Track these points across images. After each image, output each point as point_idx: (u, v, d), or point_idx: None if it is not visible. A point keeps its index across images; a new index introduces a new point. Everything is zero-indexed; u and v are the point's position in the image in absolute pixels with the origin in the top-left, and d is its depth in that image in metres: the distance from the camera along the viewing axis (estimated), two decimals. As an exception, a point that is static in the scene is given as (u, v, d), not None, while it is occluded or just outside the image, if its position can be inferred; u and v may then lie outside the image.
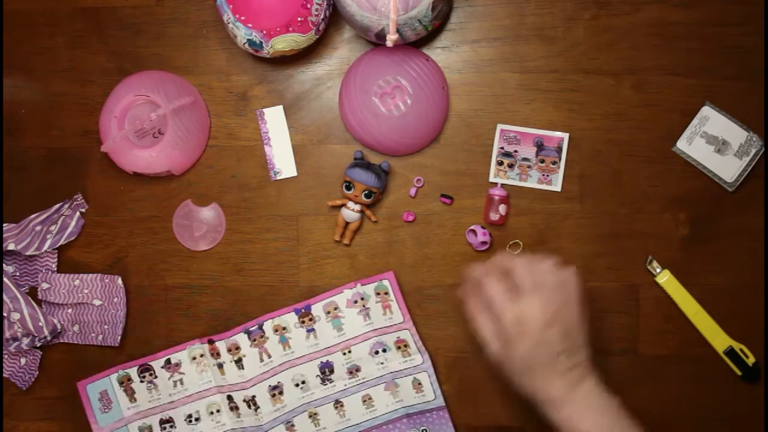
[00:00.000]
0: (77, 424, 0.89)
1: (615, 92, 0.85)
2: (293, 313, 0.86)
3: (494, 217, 0.84)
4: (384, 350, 0.85)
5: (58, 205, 0.87)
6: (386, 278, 0.86)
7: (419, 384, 0.86)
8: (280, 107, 0.87)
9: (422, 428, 0.86)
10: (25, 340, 0.86)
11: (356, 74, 0.84)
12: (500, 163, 0.86)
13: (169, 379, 0.87)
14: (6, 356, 0.88)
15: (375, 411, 0.86)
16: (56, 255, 0.88)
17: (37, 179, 0.89)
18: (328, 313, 0.86)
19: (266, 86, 0.88)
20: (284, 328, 0.86)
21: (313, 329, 0.86)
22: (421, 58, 0.84)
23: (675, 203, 0.85)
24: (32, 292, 0.89)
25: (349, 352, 0.86)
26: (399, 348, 0.86)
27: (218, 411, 0.87)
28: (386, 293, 0.86)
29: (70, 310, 0.89)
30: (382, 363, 0.86)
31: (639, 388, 0.86)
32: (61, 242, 0.87)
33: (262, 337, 0.87)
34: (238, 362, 0.87)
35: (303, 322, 0.86)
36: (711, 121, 0.84)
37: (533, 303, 0.67)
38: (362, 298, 0.86)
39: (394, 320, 0.86)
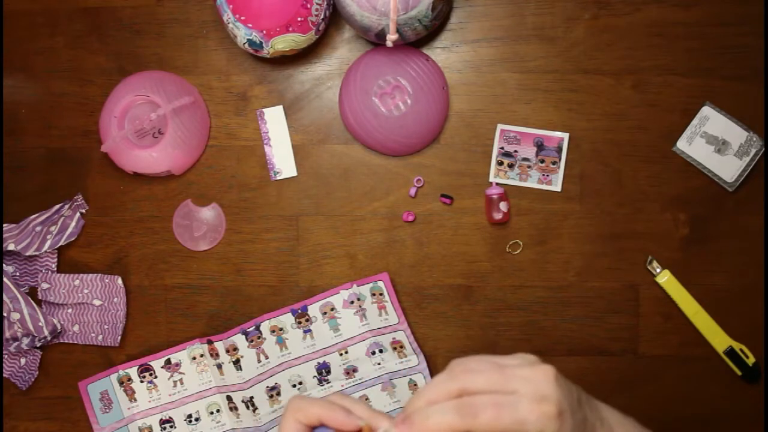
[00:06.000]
0: (77, 424, 0.89)
1: (615, 92, 0.85)
2: (290, 313, 0.86)
3: (497, 216, 0.84)
4: (381, 351, 0.85)
5: (58, 206, 0.87)
6: (381, 279, 0.86)
7: (415, 385, 0.86)
8: (280, 107, 0.87)
9: None
10: (25, 340, 0.86)
11: (356, 74, 0.84)
12: (500, 163, 0.86)
13: (169, 379, 0.87)
14: (6, 356, 0.88)
15: (373, 411, 0.86)
16: (56, 255, 0.88)
17: (37, 179, 0.89)
18: (325, 314, 0.86)
19: (266, 86, 0.88)
20: (281, 329, 0.86)
21: (309, 330, 0.86)
22: (421, 58, 0.84)
23: (675, 203, 0.85)
24: (32, 292, 0.89)
25: (346, 352, 0.86)
26: (395, 349, 0.86)
27: (218, 411, 0.87)
28: (381, 294, 0.86)
29: (70, 310, 0.89)
30: (379, 363, 0.86)
31: (639, 388, 0.86)
32: (61, 243, 0.87)
33: (259, 338, 0.86)
34: (236, 363, 0.87)
35: (299, 323, 0.86)
36: (711, 121, 0.84)
37: None
38: (358, 299, 0.86)
39: (389, 321, 0.86)
